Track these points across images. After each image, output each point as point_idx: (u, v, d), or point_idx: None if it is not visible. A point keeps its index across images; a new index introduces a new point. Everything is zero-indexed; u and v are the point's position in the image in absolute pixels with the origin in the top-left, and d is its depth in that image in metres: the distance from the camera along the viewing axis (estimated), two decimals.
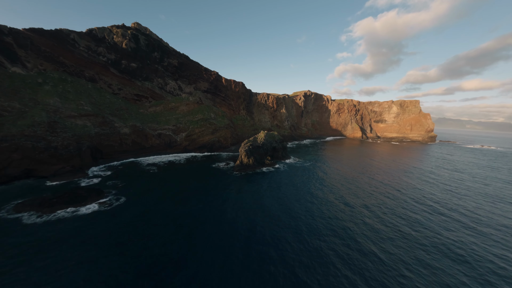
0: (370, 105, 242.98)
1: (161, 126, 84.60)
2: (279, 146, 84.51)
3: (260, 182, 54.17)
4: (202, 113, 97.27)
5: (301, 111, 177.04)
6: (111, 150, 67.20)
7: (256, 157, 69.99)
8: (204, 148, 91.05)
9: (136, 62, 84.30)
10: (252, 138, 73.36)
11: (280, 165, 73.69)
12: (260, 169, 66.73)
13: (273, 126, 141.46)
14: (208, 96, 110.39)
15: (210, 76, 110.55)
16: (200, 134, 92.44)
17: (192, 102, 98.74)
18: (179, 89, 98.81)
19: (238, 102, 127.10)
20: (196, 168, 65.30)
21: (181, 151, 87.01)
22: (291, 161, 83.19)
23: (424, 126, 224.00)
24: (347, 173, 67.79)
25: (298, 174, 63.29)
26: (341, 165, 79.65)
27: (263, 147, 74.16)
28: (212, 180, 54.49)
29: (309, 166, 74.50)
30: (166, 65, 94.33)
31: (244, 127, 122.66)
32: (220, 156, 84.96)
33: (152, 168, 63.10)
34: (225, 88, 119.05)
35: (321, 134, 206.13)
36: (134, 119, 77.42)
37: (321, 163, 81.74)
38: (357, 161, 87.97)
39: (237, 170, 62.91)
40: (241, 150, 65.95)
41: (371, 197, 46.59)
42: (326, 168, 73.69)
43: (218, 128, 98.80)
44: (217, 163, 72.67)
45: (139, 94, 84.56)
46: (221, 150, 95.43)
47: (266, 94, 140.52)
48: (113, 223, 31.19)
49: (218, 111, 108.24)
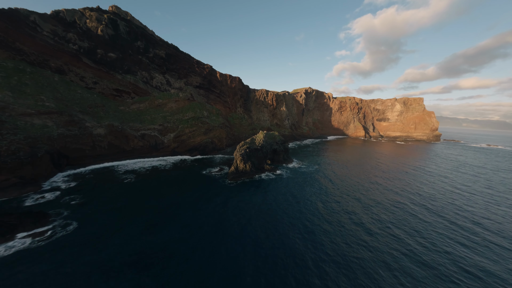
0: (372, 103, 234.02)
1: (145, 125, 73.73)
2: (281, 148, 74.31)
3: (256, 195, 43.89)
4: (193, 111, 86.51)
5: (302, 109, 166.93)
6: (81, 155, 56.31)
7: (254, 162, 59.72)
8: (195, 151, 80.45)
9: (115, 52, 73.07)
10: (250, 139, 62.97)
11: (282, 171, 63.51)
12: (259, 176, 56.51)
13: (272, 125, 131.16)
14: (201, 92, 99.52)
15: (203, 70, 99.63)
16: (190, 135, 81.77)
17: (182, 99, 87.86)
18: (167, 84, 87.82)
19: (235, 99, 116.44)
20: (183, 176, 54.80)
21: (168, 154, 76.33)
22: (294, 165, 73.11)
23: (429, 125, 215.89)
24: (359, 181, 57.84)
25: (302, 183, 53.16)
26: (350, 170, 69.73)
27: (262, 150, 63.87)
28: (199, 192, 44.09)
29: (315, 172, 64.44)
30: (151, 56, 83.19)
31: (241, 127, 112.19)
32: (213, 160, 74.50)
33: (129, 176, 52.44)
34: (220, 83, 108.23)
35: (322, 134, 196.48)
36: (112, 117, 66.45)
37: (327, 167, 71.74)
38: (367, 165, 78.20)
39: (232, 178, 52.61)
40: (236, 154, 55.61)
41: (397, 217, 36.61)
42: (334, 175, 63.69)
43: (212, 128, 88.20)
44: (209, 169, 62.25)
45: (119, 89, 73.46)
46: (215, 152, 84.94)
47: (265, 91, 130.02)
48: (41, 272, 20.61)
49: (212, 109, 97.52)
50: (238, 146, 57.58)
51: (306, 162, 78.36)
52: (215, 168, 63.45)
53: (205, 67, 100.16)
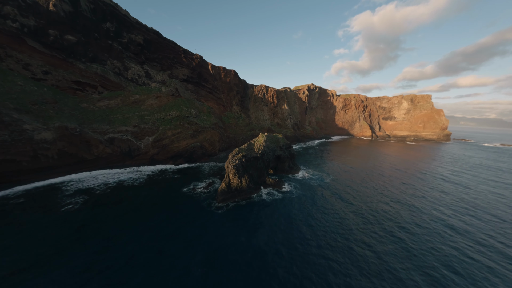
0: (378, 101, 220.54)
1: (115, 127, 58.51)
2: (286, 154, 59.57)
3: (256, 236, 29.06)
4: (178, 109, 71.37)
5: (305, 107, 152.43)
6: (16, 169, 41.02)
7: (253, 175, 44.94)
8: (180, 158, 65.35)
9: (75, 34, 57.64)
10: (246, 145, 48.02)
11: (289, 185, 48.83)
12: (259, 195, 41.76)
13: (273, 125, 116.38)
14: (189, 87, 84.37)
15: (192, 61, 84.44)
16: (174, 139, 66.62)
17: (165, 94, 72.66)
18: (146, 77, 72.52)
19: (230, 96, 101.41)
20: (155, 197, 39.78)
21: (146, 162, 61.19)
22: (303, 175, 58.51)
23: (439, 124, 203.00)
24: (393, 204, 43.40)
25: (321, 208, 38.48)
26: (371, 182, 55.28)
27: (263, 159, 49.06)
28: (169, 229, 29.09)
29: (331, 187, 49.87)
30: (126, 42, 67.81)
31: (238, 127, 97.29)
32: (201, 170, 59.53)
33: (77, 199, 37.33)
34: (212, 77, 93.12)
35: (326, 133, 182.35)
36: (67, 117, 51.14)
37: (343, 178, 57.22)
38: (389, 174, 63.85)
39: (221, 200, 37.81)
40: (228, 166, 40.68)
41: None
42: (355, 191, 49.15)
43: (202, 129, 73.20)
44: (194, 183, 47.38)
45: (81, 81, 58.06)
46: (204, 159, 69.94)
47: (264, 87, 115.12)
48: None
49: (203, 106, 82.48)
50: (231, 154, 42.61)
51: (316, 170, 63.80)
52: (202, 183, 48.57)
53: (194, 58, 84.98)
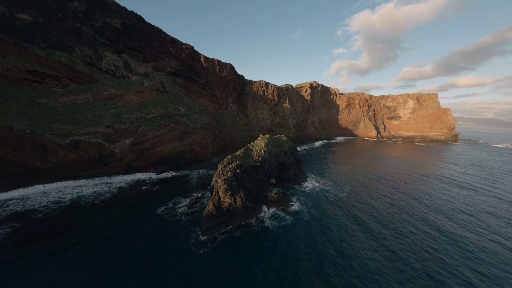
0: (382, 100, 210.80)
1: (82, 127, 47.57)
2: (291, 160, 48.86)
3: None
4: (163, 106, 60.49)
5: (308, 106, 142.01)
6: None
7: (251, 189, 34.23)
8: (164, 164, 54.46)
9: (31, 13, 46.68)
10: (242, 151, 37.09)
11: (297, 202, 38.17)
12: (259, 220, 31.07)
13: (274, 125, 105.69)
14: (178, 81, 73.46)
15: (181, 52, 73.56)
16: (157, 141, 55.72)
17: (147, 89, 61.76)
18: (125, 68, 61.57)
19: (226, 92, 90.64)
20: (117, 223, 28.87)
21: (121, 170, 50.27)
22: (312, 185, 47.95)
23: (446, 123, 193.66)
24: (439, 241, 32.95)
25: (343, 239, 27.80)
26: (395, 193, 44.78)
27: (264, 167, 38.30)
28: (118, 281, 18.40)
29: (348, 203, 39.28)
30: (99, 26, 56.87)
31: (234, 127, 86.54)
32: (188, 180, 48.69)
33: (6, 227, 26.45)
34: (206, 71, 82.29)
35: (329, 134, 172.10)
36: (15, 115, 40.20)
37: (360, 189, 46.67)
38: (412, 183, 53.51)
39: (208, 228, 27.01)
40: (218, 179, 29.78)
41: None
42: (379, 208, 38.60)
43: (192, 130, 62.39)
44: (176, 199, 36.60)
45: (39, 71, 47.02)
46: (194, 165, 59.08)
47: (264, 83, 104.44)
48: None
49: (193, 104, 71.67)
50: (221, 164, 31.68)
51: (327, 178, 53.27)
52: (186, 198, 37.80)
53: (184, 48, 74.11)
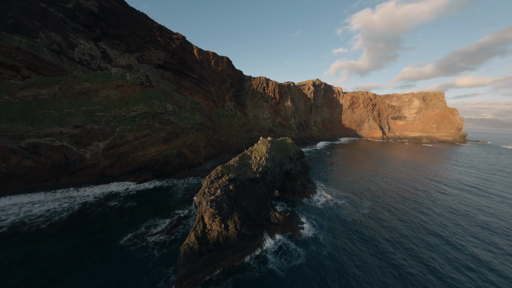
0: (387, 99, 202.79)
1: (43, 128, 38.95)
2: (298, 168, 40.26)
3: None
4: (147, 103, 51.88)
5: (310, 104, 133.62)
6: None
7: (248, 209, 25.64)
8: (146, 171, 45.81)
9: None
10: (237, 159, 28.32)
11: (309, 224, 29.65)
12: (260, 256, 22.41)
13: (275, 125, 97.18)
14: (167, 75, 64.80)
15: (171, 42, 64.92)
16: (138, 144, 47.07)
17: (130, 83, 53.14)
18: (103, 59, 52.89)
19: (222, 89, 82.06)
20: (61, 260, 20.17)
21: (93, 179, 41.65)
22: (324, 199, 39.47)
23: (454, 124, 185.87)
24: None
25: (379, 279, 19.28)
26: (423, 206, 36.30)
27: (266, 179, 29.73)
28: None
29: (371, 221, 30.79)
30: (70, 8, 48.20)
31: (232, 128, 78.00)
32: (172, 192, 40.09)
33: None
34: (199, 64, 73.67)
35: (333, 135, 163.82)
36: None
37: (380, 201, 38.19)
38: (440, 192, 45.07)
39: (186, 275, 18.23)
40: (202, 201, 21.18)
41: None
42: (412, 229, 30.11)
43: (181, 131, 53.85)
44: (151, 221, 27.96)
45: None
46: (183, 172, 50.45)
47: (264, 79, 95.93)
48: None
49: (185, 101, 63.10)
50: (207, 180, 22.93)
51: (339, 188, 44.80)
52: (165, 219, 29.23)
53: (174, 38, 65.47)
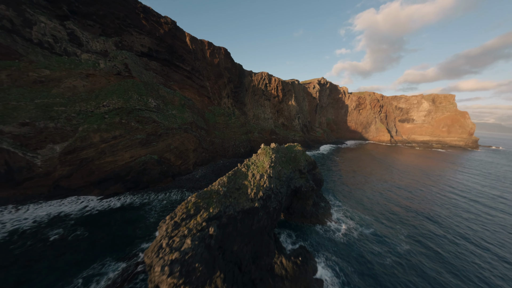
0: (395, 101, 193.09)
1: None
2: (309, 183, 30.49)
3: None
4: (123, 97, 42.30)
5: (315, 104, 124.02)
6: None
7: (240, 255, 15.91)
8: (115, 183, 36.18)
9: None
10: (226, 180, 18.52)
11: (327, 270, 19.76)
12: None
13: (277, 126, 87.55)
14: (153, 65, 55.19)
15: (158, 27, 55.35)
16: (106, 148, 37.45)
17: (103, 73, 43.55)
18: (71, 41, 43.33)
19: (219, 84, 72.48)
20: None
21: (44, 192, 32.07)
22: (343, 226, 29.75)
23: (465, 128, 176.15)
24: None
25: None
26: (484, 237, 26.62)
27: (268, 207, 20.12)
28: None
29: (423, 273, 21.04)
30: None
31: (228, 128, 68.42)
32: (144, 213, 30.40)
33: None
34: (192, 55, 64.06)
35: (338, 137, 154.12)
36: None
37: (421, 233, 28.46)
38: (486, 216, 35.40)
39: None
40: (155, 263, 11.72)
41: None
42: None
43: (165, 132, 44.31)
44: (99, 265, 17.94)
45: None
46: (166, 182, 40.79)
47: (266, 75, 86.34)
48: None
49: (173, 96, 53.57)
50: (166, 224, 13.37)
51: (361, 209, 35.05)
52: (119, 263, 19.48)
53: (162, 22, 55.89)
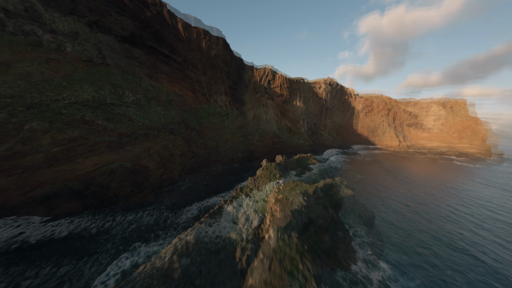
0: (403, 104, 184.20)
1: None
2: (327, 212, 21.87)
3: None
4: (90, 87, 33.89)
5: (322, 106, 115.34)
6: None
7: None
8: (70, 199, 27.63)
9: None
10: (193, 240, 10.06)
11: None
12: None
13: (280, 128, 78.85)
14: (136, 53, 46.74)
15: (144, 9, 46.97)
16: (59, 152, 28.99)
17: (69, 58, 35.20)
18: (30, 19, 34.94)
19: (215, 79, 63.98)
20: None
21: None
22: (374, 273, 20.69)
23: (478, 135, 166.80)
24: None
25: None
26: None
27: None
28: None
29: None
30: None
31: (224, 130, 59.89)
32: (96, 250, 21.49)
33: None
34: (185, 44, 55.61)
35: (343, 141, 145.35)
36: None
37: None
38: None
39: None
40: None
41: None
42: None
43: (143, 133, 35.88)
44: None
45: None
46: (141, 196, 32.20)
47: (270, 70, 77.78)
48: None
49: (158, 90, 45.14)
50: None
51: (394, 246, 25.93)
52: None
53: (149, 3, 47.47)
